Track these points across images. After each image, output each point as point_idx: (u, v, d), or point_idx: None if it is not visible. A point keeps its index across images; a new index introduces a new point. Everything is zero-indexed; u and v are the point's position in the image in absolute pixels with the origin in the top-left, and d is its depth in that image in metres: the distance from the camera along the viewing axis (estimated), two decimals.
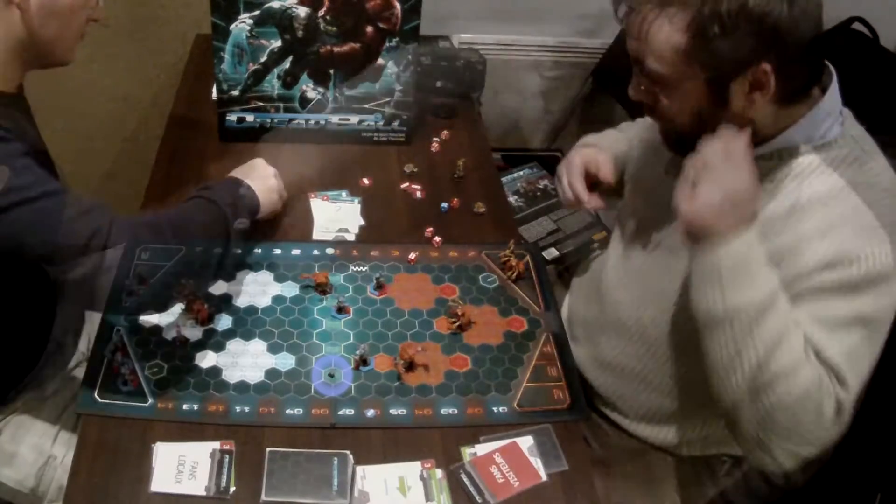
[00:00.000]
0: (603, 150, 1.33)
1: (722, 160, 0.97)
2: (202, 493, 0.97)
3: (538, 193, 2.08)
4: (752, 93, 0.97)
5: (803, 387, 0.94)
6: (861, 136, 1.06)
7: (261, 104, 1.51)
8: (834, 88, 1.03)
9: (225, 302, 1.22)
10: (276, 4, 1.39)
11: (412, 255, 1.31)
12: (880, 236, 0.97)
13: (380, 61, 1.48)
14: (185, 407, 1.07)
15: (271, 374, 1.12)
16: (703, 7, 0.93)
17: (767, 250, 0.99)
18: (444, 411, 1.10)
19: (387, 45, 1.46)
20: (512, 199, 2.01)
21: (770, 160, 1.04)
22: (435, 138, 1.62)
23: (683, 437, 1.24)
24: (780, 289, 0.97)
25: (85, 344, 1.35)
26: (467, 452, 1.06)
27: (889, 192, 1.01)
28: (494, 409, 1.11)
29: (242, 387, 1.10)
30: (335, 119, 1.55)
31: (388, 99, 1.53)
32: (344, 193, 1.46)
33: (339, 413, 1.08)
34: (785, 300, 0.97)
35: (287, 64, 1.46)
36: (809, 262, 0.98)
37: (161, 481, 0.98)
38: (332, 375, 1.12)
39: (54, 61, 1.14)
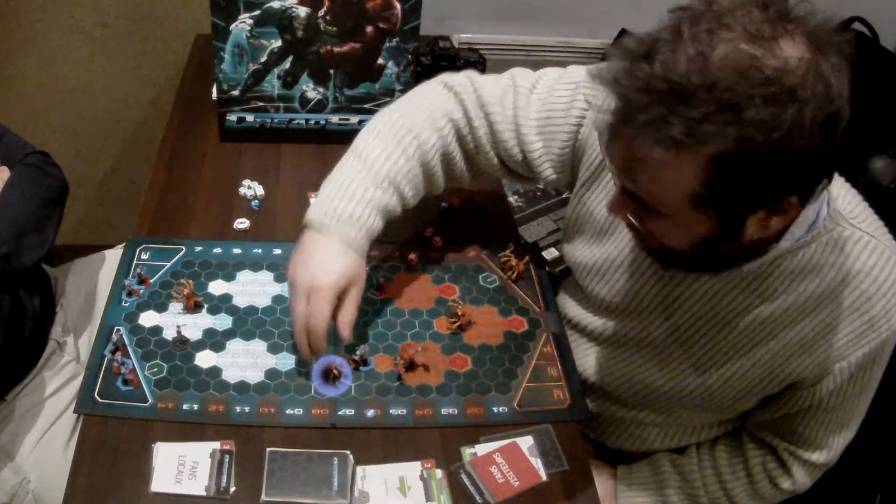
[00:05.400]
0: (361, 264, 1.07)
1: None
2: (202, 493, 0.97)
3: (538, 193, 2.08)
4: (770, 218, 0.84)
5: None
6: (849, 207, 0.98)
7: (261, 104, 1.51)
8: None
9: (225, 302, 1.22)
10: (276, 4, 1.39)
11: (412, 256, 1.31)
12: (876, 331, 0.97)
13: (380, 61, 1.48)
14: (185, 407, 1.07)
15: (271, 374, 1.12)
16: (734, 154, 0.74)
17: (765, 352, 1.01)
18: (444, 411, 1.10)
19: (387, 45, 1.46)
20: (512, 199, 2.01)
21: (761, 267, 0.97)
22: None
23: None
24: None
25: (85, 344, 1.35)
26: (467, 452, 1.06)
27: (882, 274, 0.96)
28: (494, 409, 1.11)
29: (242, 387, 1.10)
30: (335, 119, 1.55)
31: (388, 99, 1.53)
32: None
33: (339, 413, 1.08)
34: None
35: (287, 64, 1.46)
36: (811, 361, 1.01)
37: (161, 481, 0.98)
38: (334, 376, 1.12)
39: None
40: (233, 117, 1.52)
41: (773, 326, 1.00)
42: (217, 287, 1.24)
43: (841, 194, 0.99)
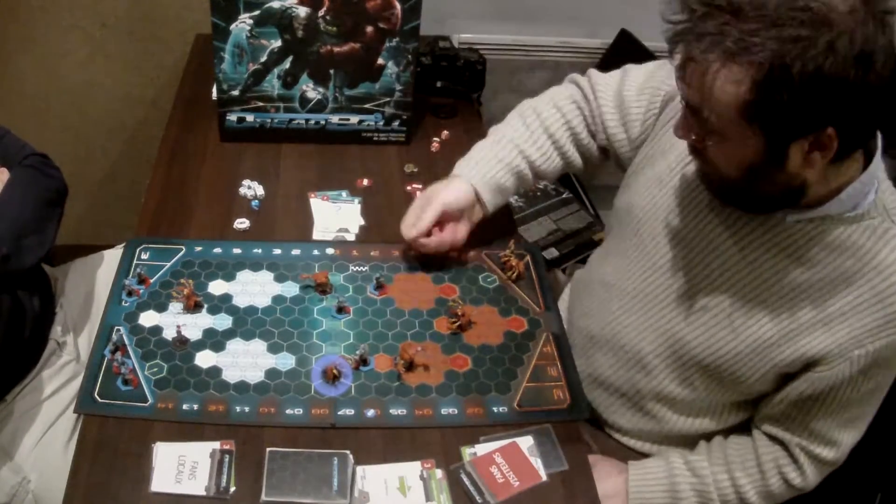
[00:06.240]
0: (469, 195, 1.26)
1: None
2: (202, 493, 0.97)
3: (538, 193, 2.08)
4: (812, 153, 0.91)
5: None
6: (894, 203, 1.02)
7: (261, 104, 1.51)
8: (878, 154, 0.99)
9: (225, 302, 1.22)
10: (276, 4, 1.39)
11: (412, 254, 1.31)
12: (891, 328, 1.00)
13: (380, 61, 1.48)
14: (185, 407, 1.07)
15: (271, 374, 1.12)
16: (773, 66, 0.84)
17: (789, 318, 1.05)
18: (444, 411, 1.10)
19: (387, 45, 1.46)
20: (512, 199, 2.01)
21: (810, 224, 1.02)
22: (435, 138, 1.62)
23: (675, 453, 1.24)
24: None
25: (84, 344, 1.35)
26: (467, 452, 1.06)
27: None
28: (494, 409, 1.11)
29: (242, 387, 1.10)
30: (335, 119, 1.55)
31: (388, 99, 1.53)
32: (344, 193, 1.46)
33: (339, 413, 1.08)
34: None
35: (287, 64, 1.46)
36: (841, 333, 1.02)
37: (161, 481, 0.98)
38: (334, 376, 1.12)
39: None
40: (233, 117, 1.52)
41: (803, 296, 1.04)
42: (217, 287, 1.24)
43: (890, 191, 1.04)
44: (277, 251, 1.31)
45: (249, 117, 1.53)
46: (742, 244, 1.08)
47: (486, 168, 1.28)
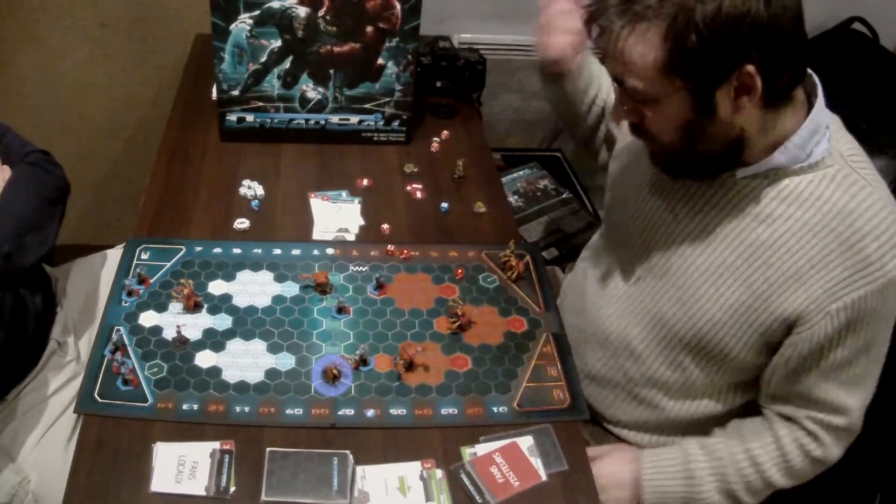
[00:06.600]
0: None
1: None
2: (202, 493, 0.97)
3: (538, 193, 2.08)
4: (739, 98, 0.94)
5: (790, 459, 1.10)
6: (850, 151, 1.04)
7: (261, 104, 1.51)
8: (820, 102, 1.02)
9: (225, 302, 1.22)
10: (276, 4, 1.39)
11: (406, 252, 1.31)
12: (870, 274, 0.98)
13: (380, 61, 1.48)
14: (185, 407, 1.07)
15: (271, 374, 1.12)
16: (676, 17, 0.89)
17: (759, 278, 1.04)
18: (444, 411, 1.10)
19: (387, 45, 1.46)
20: (512, 199, 2.01)
21: (756, 179, 1.03)
22: (435, 138, 1.62)
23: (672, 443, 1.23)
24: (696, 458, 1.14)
25: (85, 344, 1.35)
26: (467, 452, 1.06)
27: (877, 217, 0.99)
28: (494, 409, 1.11)
29: (242, 387, 1.10)
30: (335, 119, 1.55)
31: (388, 99, 1.53)
32: (344, 193, 1.46)
33: (339, 413, 1.08)
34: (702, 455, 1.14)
35: (287, 64, 1.46)
36: (813, 287, 1.01)
37: (161, 481, 0.98)
38: (334, 376, 1.12)
39: None
40: (233, 117, 1.52)
41: (769, 253, 1.03)
42: (217, 287, 1.24)
43: (845, 140, 1.05)
44: (277, 251, 1.31)
45: (249, 117, 1.53)
46: (699, 212, 1.09)
47: None
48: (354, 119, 1.55)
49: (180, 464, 1.00)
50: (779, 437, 1.12)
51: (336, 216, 1.41)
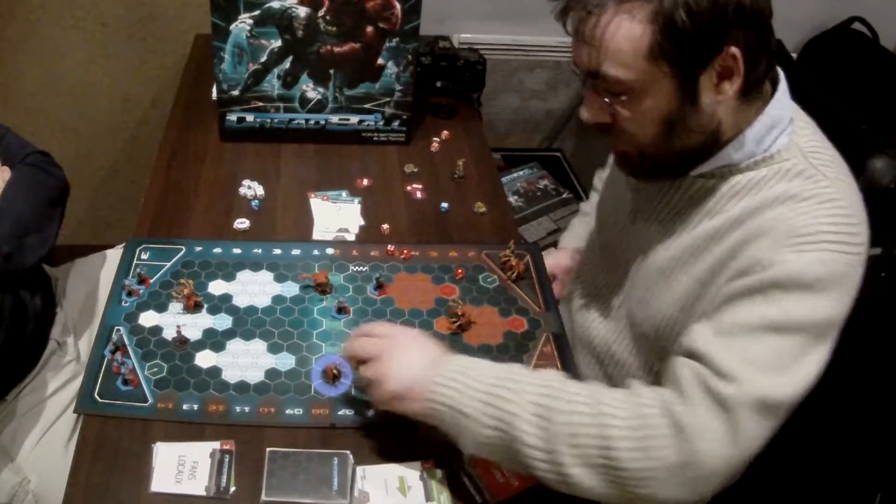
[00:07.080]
0: (567, 256, 1.42)
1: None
2: (202, 493, 0.97)
3: (538, 193, 2.08)
4: (721, 83, 0.91)
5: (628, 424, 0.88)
6: (811, 146, 0.99)
7: (261, 104, 1.51)
8: (781, 96, 0.98)
9: (225, 302, 1.22)
10: (276, 4, 1.39)
11: (405, 252, 1.31)
12: (802, 246, 0.91)
13: (380, 61, 1.48)
14: (185, 407, 1.07)
15: (271, 374, 1.12)
16: None
17: (703, 267, 1.00)
18: None
19: (387, 45, 1.46)
20: (512, 199, 2.01)
21: (710, 178, 1.01)
22: (435, 138, 1.62)
23: None
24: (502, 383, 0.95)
25: (85, 344, 1.35)
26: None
27: (831, 204, 0.93)
28: None
29: (242, 387, 1.10)
30: (335, 119, 1.55)
31: (388, 99, 1.53)
32: (344, 193, 1.46)
33: (339, 413, 1.08)
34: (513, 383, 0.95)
35: (287, 64, 1.46)
36: (725, 276, 0.96)
37: (161, 481, 0.98)
38: (334, 376, 1.12)
39: None
40: (233, 117, 1.52)
41: (713, 243, 1.00)
42: (217, 287, 1.24)
43: (808, 135, 1.00)
44: (277, 251, 1.31)
45: (249, 117, 1.53)
46: (659, 213, 1.08)
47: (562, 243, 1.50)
48: (354, 119, 1.55)
49: (180, 464, 1.00)
50: (640, 392, 0.93)
51: (336, 216, 1.41)
